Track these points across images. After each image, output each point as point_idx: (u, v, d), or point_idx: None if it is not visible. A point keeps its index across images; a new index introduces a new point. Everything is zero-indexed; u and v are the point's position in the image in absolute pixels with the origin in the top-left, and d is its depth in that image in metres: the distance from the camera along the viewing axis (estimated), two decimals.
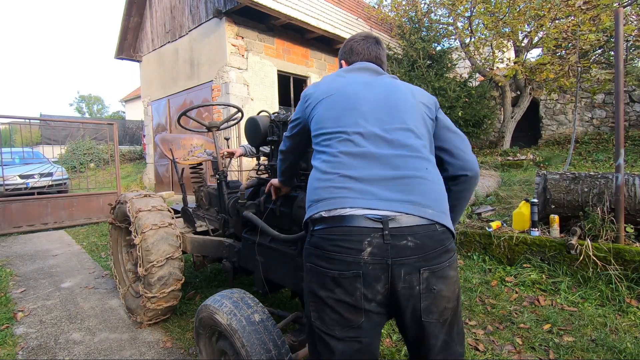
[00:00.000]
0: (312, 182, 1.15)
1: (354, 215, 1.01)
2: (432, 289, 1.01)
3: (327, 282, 1.02)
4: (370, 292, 0.99)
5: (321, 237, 1.05)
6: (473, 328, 2.23)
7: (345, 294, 1.00)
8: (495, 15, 7.28)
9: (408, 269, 0.99)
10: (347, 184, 1.06)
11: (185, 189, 2.90)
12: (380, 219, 1.00)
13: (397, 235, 0.99)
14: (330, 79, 1.28)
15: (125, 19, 9.82)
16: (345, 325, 1.01)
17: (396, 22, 9.79)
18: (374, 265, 0.98)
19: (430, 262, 1.01)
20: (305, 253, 1.11)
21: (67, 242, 4.99)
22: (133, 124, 18.64)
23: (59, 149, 11.26)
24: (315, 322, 1.06)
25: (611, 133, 8.11)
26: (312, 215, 1.10)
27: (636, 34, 5.99)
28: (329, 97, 1.21)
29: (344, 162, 1.09)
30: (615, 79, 2.65)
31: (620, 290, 2.39)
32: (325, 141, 1.16)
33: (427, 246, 1.00)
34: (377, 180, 1.05)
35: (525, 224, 3.03)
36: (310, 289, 1.08)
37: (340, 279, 1.00)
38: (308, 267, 1.09)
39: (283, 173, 1.64)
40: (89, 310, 2.75)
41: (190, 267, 3.20)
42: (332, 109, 1.18)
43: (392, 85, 1.22)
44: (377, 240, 0.98)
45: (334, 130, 1.15)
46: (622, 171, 2.57)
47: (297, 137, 1.40)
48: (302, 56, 8.85)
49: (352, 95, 1.18)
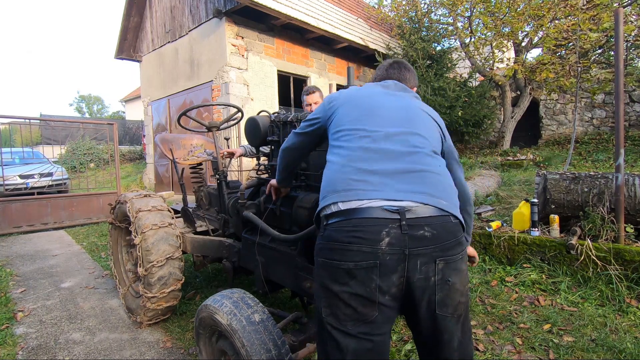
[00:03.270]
0: (328, 174, 1.19)
1: (371, 207, 1.03)
2: (447, 280, 1.03)
3: (341, 275, 1.03)
4: (386, 284, 1.00)
5: (336, 230, 1.06)
6: (473, 328, 2.23)
7: (360, 285, 1.00)
8: (495, 15, 7.28)
9: (425, 259, 1.01)
10: (363, 177, 1.09)
11: (185, 189, 2.90)
12: (398, 209, 1.02)
13: (415, 226, 1.01)
14: (355, 88, 1.37)
15: (125, 19, 9.82)
16: (358, 320, 1.02)
17: (396, 22, 9.80)
18: (391, 255, 0.99)
19: (445, 252, 1.03)
20: (318, 248, 1.12)
21: (67, 242, 4.99)
22: (133, 124, 18.64)
23: (59, 149, 11.25)
24: (327, 319, 1.06)
25: (611, 133, 8.11)
26: (328, 204, 1.11)
27: (636, 33, 5.99)
28: (352, 101, 1.29)
29: (360, 156, 1.14)
30: (615, 79, 2.65)
31: (620, 290, 2.38)
32: (344, 137, 1.21)
33: (443, 236, 1.03)
34: (392, 173, 1.09)
35: (525, 224, 3.03)
36: (322, 284, 1.08)
37: (356, 270, 1.01)
38: (320, 262, 1.09)
39: (282, 171, 1.64)
40: (89, 310, 2.75)
41: (190, 267, 3.20)
42: (353, 110, 1.26)
43: (412, 101, 1.31)
44: (395, 230, 1.00)
45: (353, 127, 1.21)
46: (622, 171, 2.57)
47: (309, 136, 1.43)
48: (302, 56, 8.85)
49: (374, 102, 1.27)
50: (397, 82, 1.39)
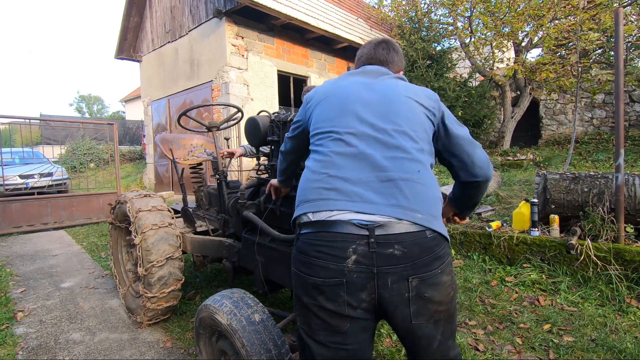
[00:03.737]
0: (302, 182, 1.14)
1: (340, 221, 0.98)
2: (423, 295, 0.98)
3: (310, 288, 1.01)
4: (355, 300, 0.97)
5: (306, 242, 1.04)
6: (473, 328, 2.23)
7: (328, 301, 0.98)
8: (495, 15, 7.28)
9: (395, 277, 0.96)
10: (335, 185, 1.04)
11: (185, 189, 2.90)
12: (367, 225, 0.96)
13: (383, 243, 0.96)
14: (332, 82, 1.28)
15: (125, 19, 9.82)
16: (330, 331, 1.00)
17: (396, 22, 9.79)
18: (358, 273, 0.95)
19: (419, 270, 0.97)
20: (292, 257, 1.10)
21: (67, 242, 4.99)
22: (133, 124, 18.63)
23: (59, 149, 11.25)
24: (302, 327, 1.06)
25: (611, 133, 8.11)
26: (299, 215, 1.09)
27: (636, 33, 5.99)
28: (327, 98, 1.21)
29: (334, 162, 1.07)
30: (615, 79, 2.65)
31: (620, 290, 2.38)
32: (319, 140, 1.16)
33: (415, 254, 0.97)
34: (366, 182, 1.02)
35: (525, 224, 3.03)
36: (296, 293, 1.08)
37: (323, 286, 0.98)
38: (293, 272, 1.08)
39: (282, 173, 1.65)
40: (89, 310, 2.75)
41: (190, 267, 3.20)
42: (328, 109, 1.18)
43: (393, 86, 1.18)
44: (362, 247, 0.95)
45: (327, 129, 1.14)
46: (622, 171, 2.57)
47: (298, 138, 1.41)
48: (302, 56, 8.85)
49: (349, 96, 1.17)
50: (379, 67, 1.29)
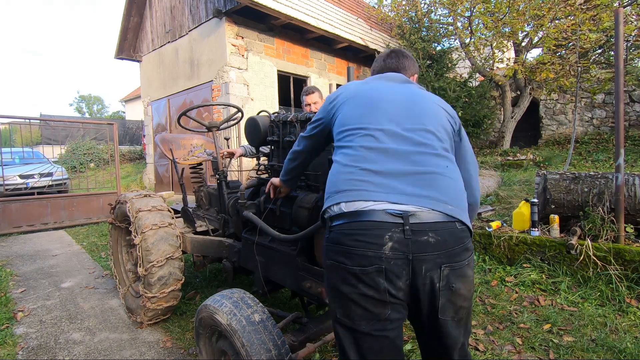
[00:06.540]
0: (333, 175, 1.16)
1: (374, 210, 1.01)
2: (451, 286, 1.01)
3: (349, 277, 1.02)
4: (393, 287, 0.99)
5: (340, 233, 1.05)
6: (473, 328, 2.23)
7: (369, 288, 1.00)
8: (495, 15, 7.28)
9: (429, 265, 0.99)
10: (367, 177, 1.07)
11: (185, 189, 2.90)
12: (401, 214, 0.99)
13: (418, 231, 0.99)
14: (357, 83, 1.32)
15: (125, 19, 9.82)
16: (372, 319, 1.01)
17: (396, 22, 9.80)
18: (395, 260, 0.98)
19: (451, 259, 1.01)
20: (325, 249, 1.11)
21: (67, 242, 4.99)
22: (133, 124, 18.62)
23: (59, 149, 11.23)
24: (341, 319, 1.06)
25: (611, 133, 8.11)
26: (330, 205, 1.10)
27: (636, 33, 5.99)
28: (354, 98, 1.25)
29: (365, 156, 1.11)
30: (615, 79, 2.65)
31: (620, 290, 2.38)
32: (348, 137, 1.18)
33: (448, 243, 1.01)
34: (397, 175, 1.06)
35: (525, 224, 3.03)
36: (332, 286, 1.07)
37: (362, 275, 1.00)
38: (329, 264, 1.09)
39: (289, 172, 1.62)
40: (89, 310, 2.75)
41: (190, 267, 3.20)
42: (356, 108, 1.22)
43: (417, 92, 1.25)
44: (397, 235, 0.98)
45: (357, 126, 1.17)
46: (622, 171, 2.57)
47: (315, 138, 1.41)
48: (302, 56, 8.85)
49: (376, 97, 1.21)
50: (398, 74, 1.34)
